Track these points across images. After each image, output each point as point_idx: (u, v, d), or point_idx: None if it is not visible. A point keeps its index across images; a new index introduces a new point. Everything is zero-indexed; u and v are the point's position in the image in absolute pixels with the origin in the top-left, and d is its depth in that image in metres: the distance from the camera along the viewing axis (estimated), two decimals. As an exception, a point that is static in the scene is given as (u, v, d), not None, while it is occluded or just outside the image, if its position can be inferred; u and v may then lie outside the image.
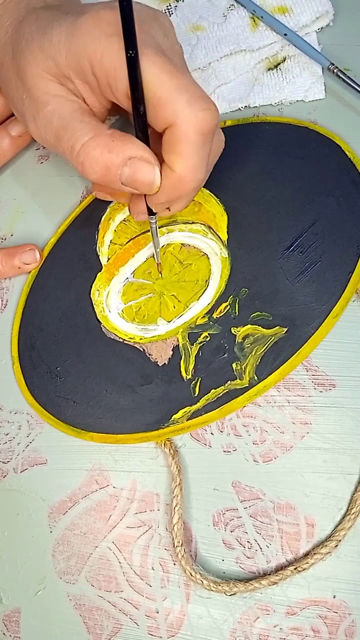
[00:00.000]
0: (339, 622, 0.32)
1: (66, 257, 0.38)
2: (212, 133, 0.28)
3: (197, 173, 0.28)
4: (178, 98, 0.26)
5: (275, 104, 0.39)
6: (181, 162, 0.28)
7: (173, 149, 0.27)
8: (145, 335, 0.35)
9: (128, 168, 0.28)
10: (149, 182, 0.28)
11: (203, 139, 0.27)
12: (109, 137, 0.28)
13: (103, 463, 0.35)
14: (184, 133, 0.27)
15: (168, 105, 0.26)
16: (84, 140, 0.28)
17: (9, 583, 0.35)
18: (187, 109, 0.26)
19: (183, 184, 0.29)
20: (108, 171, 0.28)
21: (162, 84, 0.26)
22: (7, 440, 0.36)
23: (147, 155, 0.28)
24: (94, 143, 0.28)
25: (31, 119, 0.31)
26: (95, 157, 0.28)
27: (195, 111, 0.26)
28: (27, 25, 0.30)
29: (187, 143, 0.27)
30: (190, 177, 0.28)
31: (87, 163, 0.28)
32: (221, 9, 0.40)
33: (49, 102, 0.29)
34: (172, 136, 0.27)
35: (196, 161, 0.28)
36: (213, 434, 0.35)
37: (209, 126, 0.27)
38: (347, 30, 0.39)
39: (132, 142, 0.28)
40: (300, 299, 0.34)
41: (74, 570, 0.34)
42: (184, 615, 0.33)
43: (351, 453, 0.33)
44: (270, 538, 0.33)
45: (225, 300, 0.35)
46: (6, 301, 0.38)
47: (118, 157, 0.28)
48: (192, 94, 0.27)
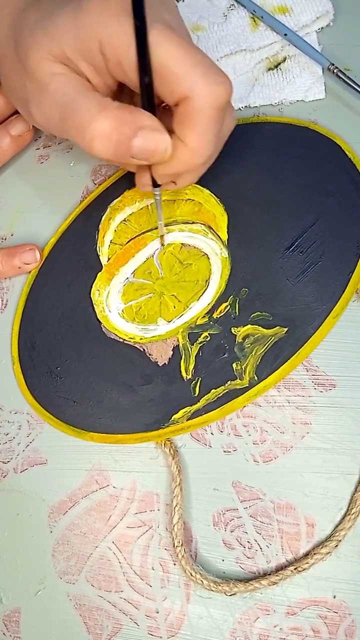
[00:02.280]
0: (339, 622, 0.32)
1: (66, 257, 0.38)
2: (226, 107, 0.28)
3: (208, 147, 0.28)
4: (193, 72, 0.26)
5: (276, 104, 0.39)
6: (194, 135, 0.28)
7: (186, 122, 0.27)
8: (145, 335, 0.35)
9: (139, 139, 0.27)
10: (161, 150, 0.28)
11: (217, 113, 0.27)
12: (117, 110, 0.27)
13: (103, 463, 0.35)
14: (199, 106, 0.27)
15: (183, 79, 0.26)
16: (91, 116, 0.27)
17: (9, 583, 0.35)
18: (203, 82, 0.26)
19: (193, 158, 0.28)
20: (120, 145, 0.28)
21: (177, 58, 0.26)
22: (7, 440, 0.36)
23: (157, 125, 0.28)
24: (103, 117, 0.27)
25: (35, 103, 0.30)
26: (106, 132, 0.27)
27: (210, 85, 0.26)
28: (29, 14, 0.30)
29: (202, 117, 0.27)
30: (201, 151, 0.28)
31: (97, 139, 0.27)
32: (221, 9, 0.40)
33: (52, 81, 0.29)
34: (186, 109, 0.27)
35: (209, 135, 0.28)
36: (213, 434, 0.35)
37: (223, 100, 0.27)
38: (347, 30, 0.39)
39: (140, 113, 0.28)
40: (300, 299, 0.34)
41: (74, 570, 0.34)
42: (184, 615, 0.33)
43: (351, 453, 0.33)
44: (270, 538, 0.33)
45: (226, 300, 0.35)
46: (6, 301, 0.38)
47: (129, 129, 0.27)
48: (208, 68, 0.27)
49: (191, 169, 0.29)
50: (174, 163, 0.29)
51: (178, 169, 0.29)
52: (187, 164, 0.29)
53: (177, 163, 0.29)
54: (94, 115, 0.27)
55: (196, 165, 0.29)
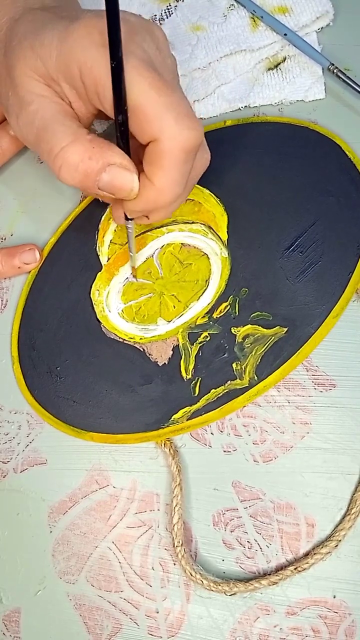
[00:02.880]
0: (339, 622, 0.32)
1: (66, 257, 0.38)
2: (194, 151, 0.28)
3: (176, 188, 0.29)
4: (165, 115, 0.26)
5: (276, 104, 0.39)
6: (161, 175, 0.28)
7: (154, 162, 0.28)
8: (145, 335, 0.35)
9: (106, 174, 0.28)
10: (127, 189, 0.28)
11: (185, 156, 0.28)
12: (88, 143, 0.28)
13: (103, 463, 0.35)
14: (167, 149, 0.27)
15: (154, 120, 0.26)
16: (63, 144, 0.28)
17: (9, 583, 0.35)
18: (173, 126, 0.27)
19: (161, 197, 0.29)
20: (86, 177, 0.28)
21: (150, 99, 0.26)
22: (7, 440, 0.36)
23: (126, 163, 0.28)
24: (73, 148, 0.28)
25: (14, 117, 0.31)
26: (74, 162, 0.28)
27: (180, 129, 0.27)
28: (22, 25, 0.30)
29: (170, 159, 0.27)
30: (168, 191, 0.28)
31: (64, 168, 0.28)
32: (221, 9, 0.40)
33: (33, 101, 0.29)
34: (155, 150, 0.27)
35: (176, 177, 0.28)
36: (213, 434, 0.35)
37: (192, 145, 0.27)
38: (347, 30, 0.39)
39: (111, 149, 0.28)
40: (300, 299, 0.34)
41: (74, 570, 0.34)
42: (184, 615, 0.33)
43: (351, 453, 0.33)
44: (270, 538, 0.33)
45: (225, 300, 0.35)
46: (6, 301, 0.38)
47: (97, 163, 0.28)
48: (179, 112, 0.27)
49: (160, 207, 0.30)
50: (142, 200, 0.29)
51: (146, 206, 0.29)
52: (155, 202, 0.29)
53: (145, 201, 0.29)
54: (65, 144, 0.28)
55: (164, 204, 0.29)
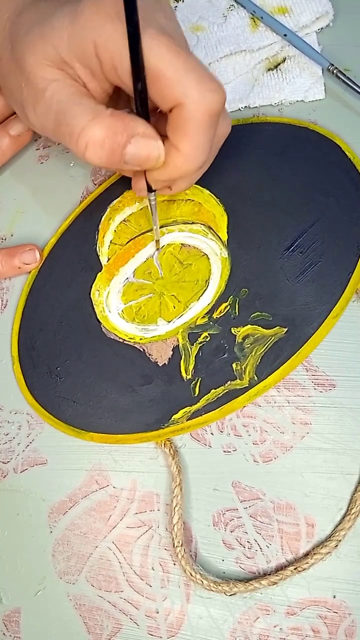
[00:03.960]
0: (339, 622, 0.32)
1: (66, 257, 0.38)
2: (219, 114, 0.28)
3: (201, 154, 0.28)
4: (187, 78, 0.26)
5: (275, 104, 0.39)
6: (186, 141, 0.28)
7: (179, 129, 0.27)
8: (145, 336, 0.35)
9: (132, 146, 0.28)
10: (154, 157, 0.28)
11: (210, 120, 0.27)
12: (109, 118, 0.27)
13: (103, 463, 0.35)
14: (191, 113, 0.27)
15: (176, 85, 0.26)
16: (83, 124, 0.27)
17: (9, 583, 0.35)
18: (196, 89, 0.26)
19: (186, 164, 0.28)
20: (112, 152, 0.28)
21: (170, 64, 0.26)
22: (7, 440, 0.36)
23: (150, 131, 0.28)
24: (96, 125, 0.27)
25: (30, 108, 0.30)
26: (99, 140, 0.27)
27: (203, 92, 0.26)
28: (27, 17, 0.30)
29: (194, 123, 0.27)
30: (194, 157, 0.28)
31: (90, 147, 0.28)
32: (221, 10, 0.40)
33: (48, 87, 0.29)
34: (179, 115, 0.27)
35: (201, 142, 0.28)
36: (213, 434, 0.35)
37: (217, 107, 0.27)
38: (347, 31, 0.39)
39: (133, 119, 0.28)
40: (300, 299, 0.34)
41: (74, 570, 0.34)
42: (184, 615, 0.33)
43: (351, 453, 0.33)
44: (270, 538, 0.33)
45: (225, 300, 0.35)
46: (6, 301, 0.38)
47: (122, 136, 0.27)
48: (201, 75, 0.26)
49: (185, 175, 0.29)
50: (167, 169, 0.29)
51: (172, 174, 0.29)
52: (181, 169, 0.29)
53: (170, 169, 0.29)
54: (87, 123, 0.27)
55: (190, 171, 0.29)
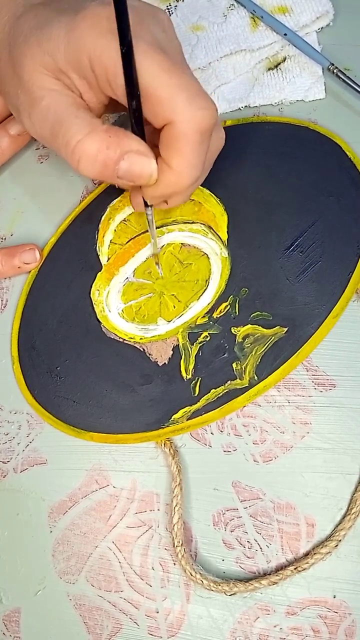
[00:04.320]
0: (339, 622, 0.32)
1: (66, 257, 0.38)
2: (210, 131, 0.28)
3: (194, 170, 0.29)
4: (177, 96, 0.26)
5: (276, 104, 0.39)
6: (178, 159, 0.28)
7: (171, 146, 0.28)
8: (145, 335, 0.35)
9: (125, 162, 0.28)
10: (146, 175, 0.28)
11: (201, 137, 0.28)
12: (104, 133, 0.28)
13: (103, 463, 0.35)
14: (182, 131, 0.27)
15: (167, 103, 0.26)
16: (79, 137, 0.28)
17: (9, 583, 0.35)
18: (186, 107, 0.26)
19: (179, 180, 0.29)
20: (105, 167, 0.28)
21: (161, 82, 0.26)
22: (7, 440, 0.36)
23: (144, 149, 0.28)
24: (90, 139, 0.28)
25: (26, 115, 0.30)
26: (92, 154, 0.28)
27: (194, 110, 0.27)
28: (25, 22, 0.30)
29: (185, 141, 0.27)
30: (186, 173, 0.28)
31: (83, 160, 0.28)
32: (221, 9, 0.40)
33: (45, 96, 0.29)
34: (170, 133, 0.27)
35: (193, 159, 0.28)
36: (213, 434, 0.35)
37: (207, 125, 0.27)
38: (347, 30, 0.39)
39: (127, 136, 0.28)
40: (300, 299, 0.34)
41: (74, 570, 0.34)
42: (184, 615, 0.33)
43: (351, 453, 0.33)
44: (270, 538, 0.33)
45: (226, 300, 0.35)
46: (6, 301, 0.38)
47: (115, 152, 0.28)
48: (192, 93, 0.27)
49: (179, 191, 0.30)
50: (160, 185, 0.29)
51: (165, 191, 0.29)
52: (174, 186, 0.29)
53: (163, 185, 0.29)
54: (81, 137, 0.28)
55: (183, 187, 0.29)
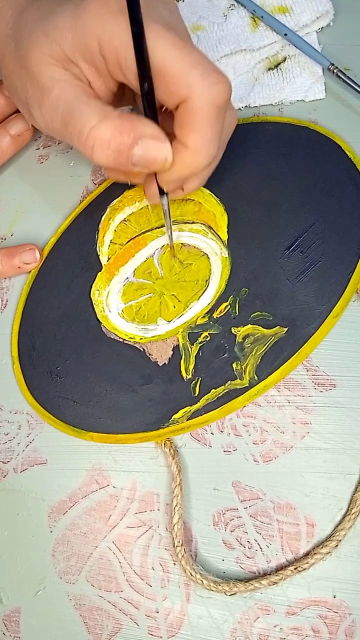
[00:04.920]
0: (339, 622, 0.32)
1: (66, 257, 0.38)
2: (225, 106, 0.28)
3: (210, 147, 0.28)
4: (191, 72, 0.26)
5: (276, 104, 0.39)
6: (195, 135, 0.28)
7: (186, 123, 0.27)
8: (145, 335, 0.35)
9: (139, 148, 0.28)
10: (161, 159, 0.28)
11: (217, 112, 0.27)
12: (117, 119, 0.28)
13: (103, 463, 0.35)
14: (198, 106, 0.27)
15: (182, 79, 0.26)
16: (92, 124, 0.28)
17: (9, 583, 0.35)
18: (201, 82, 0.26)
19: (196, 159, 0.28)
20: (120, 153, 0.28)
21: (175, 59, 0.26)
22: (7, 440, 0.36)
23: (157, 133, 0.28)
24: (103, 126, 0.27)
25: (36, 107, 0.30)
26: (106, 140, 0.28)
27: (209, 84, 0.26)
28: (29, 14, 0.30)
29: (201, 116, 0.27)
30: (204, 151, 0.28)
31: (97, 147, 0.28)
32: (221, 9, 0.40)
33: (54, 87, 0.29)
34: (186, 110, 0.27)
35: (210, 135, 0.28)
36: (213, 434, 0.35)
37: (223, 99, 0.27)
38: (347, 30, 0.39)
39: (141, 121, 0.28)
40: (300, 299, 0.34)
41: (74, 570, 0.34)
42: (184, 615, 0.33)
43: (351, 453, 0.33)
44: (271, 538, 0.33)
45: (226, 300, 0.35)
46: (6, 301, 0.38)
47: (129, 138, 0.27)
48: (205, 68, 0.27)
49: (196, 172, 0.29)
50: (177, 167, 0.29)
51: (183, 172, 0.29)
52: (191, 166, 0.29)
53: (181, 166, 0.29)
54: (95, 124, 0.28)
55: (200, 167, 0.29)
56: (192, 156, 0.28)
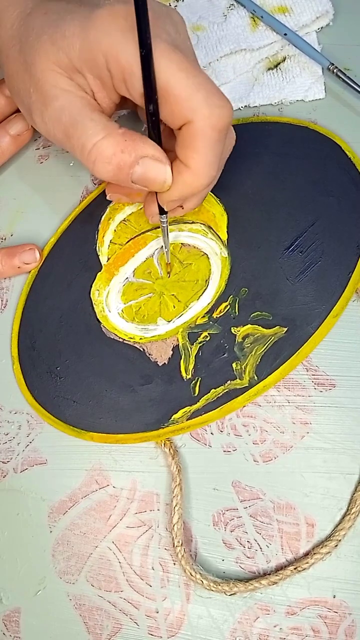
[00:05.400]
0: (339, 622, 0.32)
1: (66, 257, 0.38)
2: (227, 129, 0.28)
3: (211, 169, 0.29)
4: (195, 95, 0.26)
5: (275, 104, 0.39)
6: (196, 158, 0.28)
7: (189, 145, 0.28)
8: (145, 335, 0.35)
9: (140, 167, 0.28)
10: (160, 180, 0.29)
11: (219, 135, 0.28)
12: (121, 137, 0.28)
13: (103, 463, 0.35)
14: (200, 130, 0.27)
15: (185, 102, 0.27)
16: (95, 140, 0.28)
17: (9, 583, 0.35)
18: (205, 106, 0.27)
19: (197, 180, 0.29)
20: (120, 170, 0.28)
21: (180, 82, 0.26)
22: (7, 440, 0.36)
23: (159, 155, 0.28)
24: (106, 143, 0.28)
25: (38, 114, 0.30)
26: (108, 157, 0.28)
27: (211, 108, 0.27)
28: (35, 18, 0.30)
29: (204, 139, 0.27)
30: (205, 173, 0.29)
31: (99, 162, 0.28)
32: (221, 9, 0.40)
33: (58, 96, 0.29)
34: (189, 133, 0.27)
35: (211, 157, 0.28)
36: (213, 434, 0.35)
37: (224, 123, 0.27)
38: (347, 30, 0.39)
39: (143, 141, 0.28)
40: (300, 299, 0.34)
41: (74, 570, 0.34)
42: (184, 615, 0.33)
43: (351, 453, 0.33)
44: (270, 538, 0.33)
45: (225, 300, 0.35)
46: (6, 301, 0.38)
47: (130, 156, 0.28)
48: (209, 91, 0.27)
49: (196, 192, 0.30)
50: (178, 187, 0.29)
51: (183, 192, 0.30)
52: (192, 186, 0.29)
53: (181, 187, 0.29)
54: (98, 140, 0.28)
55: (201, 188, 0.29)
56: (193, 177, 0.29)
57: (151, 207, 0.32)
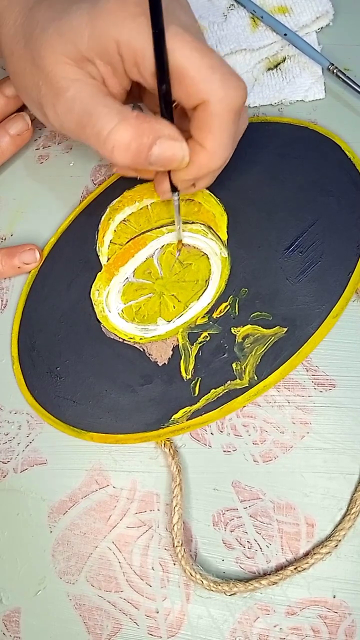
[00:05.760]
0: (339, 622, 0.32)
1: (66, 257, 0.38)
2: (241, 110, 0.28)
3: (226, 150, 0.29)
4: (211, 76, 0.27)
5: (275, 104, 0.39)
6: (212, 138, 0.28)
7: (204, 126, 0.28)
8: (145, 335, 0.35)
9: (157, 148, 0.28)
10: (178, 159, 0.29)
11: (234, 116, 0.28)
12: (135, 120, 0.28)
13: (103, 463, 0.35)
14: (216, 111, 0.27)
15: (201, 83, 0.27)
16: (111, 126, 0.28)
17: (9, 583, 0.35)
18: (221, 87, 0.27)
19: (212, 161, 0.29)
20: (138, 154, 0.28)
21: (194, 63, 0.26)
22: (7, 440, 0.36)
23: (175, 134, 0.28)
24: (122, 128, 0.28)
25: (50, 107, 0.30)
26: (125, 142, 0.28)
27: (227, 89, 0.27)
28: (39, 12, 0.30)
29: (220, 120, 0.28)
30: (220, 153, 0.29)
31: (117, 149, 0.28)
32: (221, 9, 0.40)
33: (69, 87, 0.29)
34: (204, 113, 0.28)
35: (226, 138, 0.29)
36: (213, 434, 0.35)
37: (239, 104, 0.28)
38: (347, 30, 0.39)
39: (158, 122, 0.28)
40: (300, 299, 0.34)
41: (74, 570, 0.34)
42: (184, 615, 0.33)
43: (351, 453, 0.33)
44: (270, 538, 0.33)
45: (225, 300, 0.35)
46: (6, 301, 0.38)
47: (148, 139, 0.28)
48: (224, 72, 0.27)
49: (210, 172, 0.30)
50: (193, 167, 0.29)
51: (198, 172, 0.30)
52: (207, 167, 0.29)
53: (196, 167, 0.29)
54: (113, 126, 0.28)
55: (215, 167, 0.30)
56: (208, 157, 0.29)
57: (162, 185, 0.32)
